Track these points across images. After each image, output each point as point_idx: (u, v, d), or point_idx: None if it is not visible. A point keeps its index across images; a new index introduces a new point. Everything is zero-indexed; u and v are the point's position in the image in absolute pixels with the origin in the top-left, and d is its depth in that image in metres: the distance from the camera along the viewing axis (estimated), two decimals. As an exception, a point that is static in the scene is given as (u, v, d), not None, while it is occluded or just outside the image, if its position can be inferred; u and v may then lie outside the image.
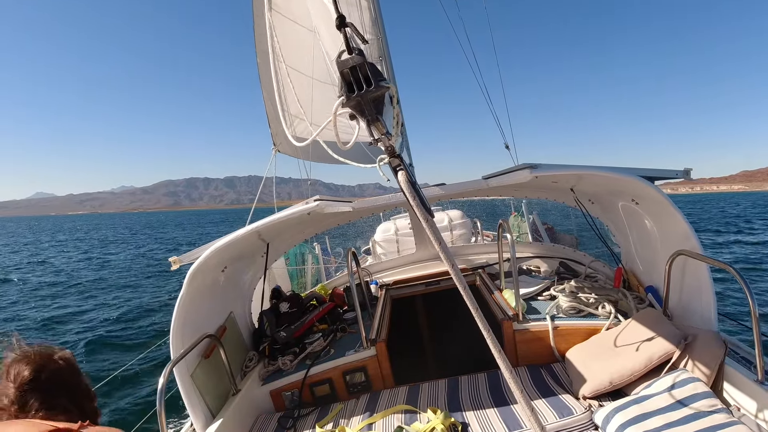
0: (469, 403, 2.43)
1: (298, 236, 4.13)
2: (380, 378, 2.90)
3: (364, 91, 1.07)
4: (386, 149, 1.18)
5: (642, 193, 2.67)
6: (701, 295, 2.44)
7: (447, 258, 1.18)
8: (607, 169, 2.48)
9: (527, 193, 4.40)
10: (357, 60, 1.06)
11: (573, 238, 5.65)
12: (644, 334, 2.39)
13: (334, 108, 1.11)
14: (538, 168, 2.47)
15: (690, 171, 2.59)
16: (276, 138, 6.56)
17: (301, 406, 2.78)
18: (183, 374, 2.43)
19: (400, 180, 1.18)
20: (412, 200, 1.16)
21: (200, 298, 2.65)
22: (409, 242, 6.46)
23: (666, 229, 2.67)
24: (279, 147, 6.65)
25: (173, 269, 2.75)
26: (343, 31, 1.09)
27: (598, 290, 3.07)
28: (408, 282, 4.43)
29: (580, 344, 2.70)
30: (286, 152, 6.81)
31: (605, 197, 3.24)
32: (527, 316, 2.92)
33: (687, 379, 1.98)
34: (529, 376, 2.58)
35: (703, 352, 2.12)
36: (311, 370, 2.87)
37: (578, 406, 2.20)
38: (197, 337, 2.54)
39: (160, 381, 2.06)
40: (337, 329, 3.38)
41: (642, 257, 3.13)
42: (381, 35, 4.50)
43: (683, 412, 1.82)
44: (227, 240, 2.52)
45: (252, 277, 3.60)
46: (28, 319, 12.27)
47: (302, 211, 2.49)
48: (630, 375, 2.22)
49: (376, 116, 1.12)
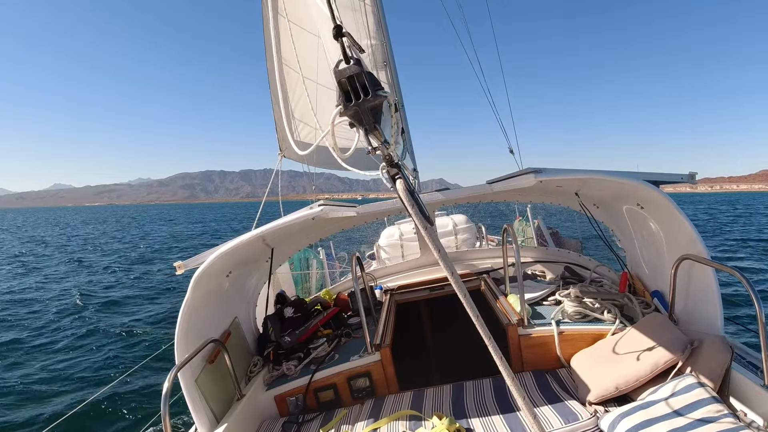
0: (474, 409, 2.42)
1: (302, 241, 4.14)
2: (385, 383, 2.89)
3: (361, 100, 1.08)
4: (384, 158, 1.18)
5: (647, 198, 2.66)
6: (707, 300, 2.42)
7: (446, 265, 1.19)
8: (611, 173, 2.48)
9: (532, 197, 4.40)
10: (354, 69, 1.07)
11: (578, 243, 5.63)
12: (650, 339, 2.37)
13: (332, 117, 1.12)
14: (542, 173, 2.47)
15: (695, 175, 2.58)
16: (282, 143, 6.61)
17: (306, 411, 2.78)
18: (187, 379, 2.44)
19: (398, 189, 1.18)
20: (411, 209, 1.16)
21: (205, 303, 2.66)
22: (413, 247, 6.46)
23: (671, 233, 2.66)
24: (285, 152, 6.70)
25: (178, 274, 2.76)
26: (340, 41, 1.10)
27: (603, 295, 3.06)
28: (412, 287, 4.42)
29: (585, 349, 2.69)
30: (292, 157, 6.85)
31: (610, 202, 3.23)
32: (532, 322, 2.90)
33: (693, 384, 1.96)
34: (535, 381, 2.56)
35: (709, 357, 2.10)
36: (315, 376, 2.86)
37: (584, 411, 2.19)
38: (202, 342, 2.54)
39: (164, 386, 2.06)
40: (342, 334, 3.37)
41: (647, 262, 3.12)
42: (385, 40, 4.52)
43: (689, 418, 1.81)
44: (232, 245, 2.53)
45: (256, 282, 3.61)
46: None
47: (306, 216, 2.50)
48: (636, 380, 2.21)
49: (374, 125, 1.12)
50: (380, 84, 1.10)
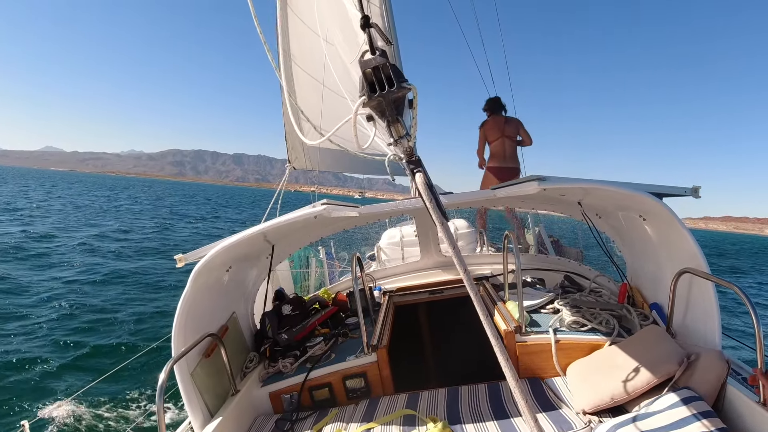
0: (469, 414, 2.42)
1: (303, 239, 4.15)
2: (380, 384, 2.89)
3: (386, 91, 1.07)
4: (404, 150, 1.18)
5: (650, 210, 2.66)
6: (706, 314, 2.42)
7: (460, 263, 1.17)
8: (615, 184, 2.48)
9: (534, 204, 4.40)
10: (380, 60, 1.06)
11: (578, 252, 5.62)
12: (647, 351, 2.37)
13: (355, 107, 1.11)
14: (546, 180, 2.48)
15: (698, 189, 2.58)
16: (292, 153, 6.65)
17: (300, 409, 2.78)
18: (183, 372, 2.45)
19: (417, 182, 1.17)
20: (429, 204, 1.15)
21: (203, 297, 2.66)
22: (414, 250, 6.46)
23: (673, 246, 2.66)
24: (295, 163, 6.75)
25: (178, 266, 2.77)
26: (367, 31, 1.09)
27: (602, 305, 3.05)
28: (411, 289, 4.43)
29: (582, 359, 2.69)
30: (302, 167, 6.90)
31: (612, 212, 3.23)
32: (530, 329, 2.90)
33: (689, 397, 1.96)
34: (530, 389, 2.56)
35: (705, 371, 2.10)
36: (311, 374, 2.87)
37: (578, 420, 2.19)
38: (199, 335, 2.55)
39: (160, 378, 2.07)
40: (339, 334, 3.38)
41: (647, 273, 3.11)
42: (393, 43, 4.54)
43: (684, 431, 1.80)
44: (234, 240, 2.54)
45: (256, 278, 3.62)
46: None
47: (309, 215, 2.51)
48: (631, 391, 2.20)
49: (397, 117, 1.12)
50: (404, 76, 1.10)
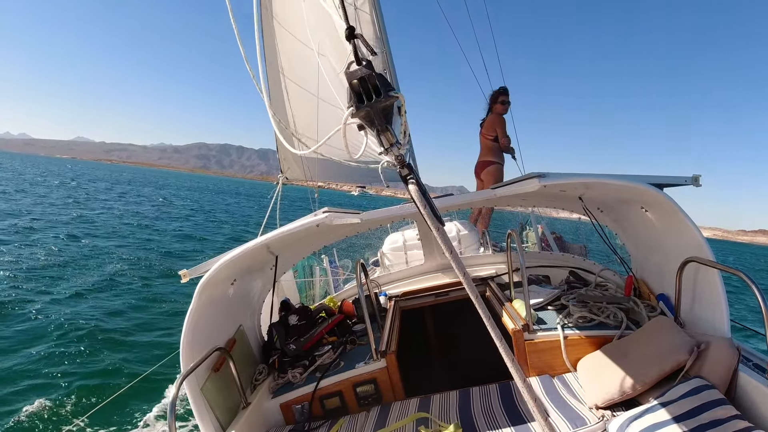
0: (482, 415, 2.41)
1: (306, 248, 4.15)
2: (390, 390, 2.88)
3: (373, 101, 1.08)
4: (396, 158, 1.19)
5: (651, 201, 2.66)
6: (713, 302, 2.41)
7: (458, 267, 1.18)
8: (615, 177, 2.48)
9: (535, 202, 4.40)
10: (365, 71, 1.07)
11: (582, 247, 5.60)
12: (656, 342, 2.36)
13: (344, 118, 1.12)
14: (545, 177, 2.48)
15: (699, 177, 2.58)
16: (284, 163, 6.67)
17: (311, 419, 2.77)
18: (193, 387, 2.44)
19: (410, 190, 1.18)
20: (423, 210, 1.16)
21: (210, 312, 2.66)
22: (417, 253, 6.45)
23: (677, 236, 2.66)
24: (287, 173, 6.79)
25: (183, 282, 2.78)
26: (352, 42, 1.10)
27: (608, 299, 3.05)
28: (417, 293, 4.42)
29: (591, 354, 2.68)
30: (295, 177, 6.94)
31: (614, 205, 3.23)
32: (537, 327, 2.90)
33: (701, 386, 1.95)
34: (541, 386, 2.55)
35: (716, 359, 2.09)
36: (321, 383, 2.86)
37: (591, 416, 2.17)
38: (207, 350, 2.55)
39: (171, 394, 2.07)
40: (347, 341, 3.37)
41: (652, 265, 3.11)
42: (385, 48, 4.57)
43: (699, 420, 1.79)
44: (236, 253, 2.54)
45: (261, 290, 3.62)
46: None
47: (311, 224, 2.51)
48: (643, 384, 2.19)
49: (386, 126, 1.13)
50: (391, 85, 1.11)
